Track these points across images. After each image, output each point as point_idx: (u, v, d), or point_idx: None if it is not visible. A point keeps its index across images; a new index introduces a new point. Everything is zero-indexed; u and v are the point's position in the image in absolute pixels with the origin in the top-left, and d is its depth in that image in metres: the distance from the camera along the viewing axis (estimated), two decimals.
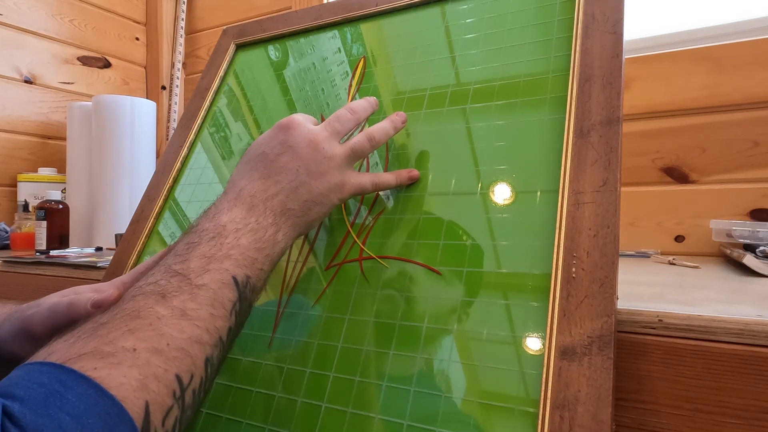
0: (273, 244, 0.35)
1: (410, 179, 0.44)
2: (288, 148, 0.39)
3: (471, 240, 0.39)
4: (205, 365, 0.29)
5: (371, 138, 0.42)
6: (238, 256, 0.33)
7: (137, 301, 0.29)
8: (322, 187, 0.38)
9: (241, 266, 0.32)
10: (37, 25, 1.26)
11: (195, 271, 0.31)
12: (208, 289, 0.30)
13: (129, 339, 0.26)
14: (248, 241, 0.34)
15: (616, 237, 0.33)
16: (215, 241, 0.33)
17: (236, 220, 0.34)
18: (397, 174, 0.44)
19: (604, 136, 0.37)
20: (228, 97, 0.62)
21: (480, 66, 0.47)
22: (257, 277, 0.34)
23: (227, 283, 0.31)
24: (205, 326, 0.29)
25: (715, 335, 0.32)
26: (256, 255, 0.34)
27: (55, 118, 1.30)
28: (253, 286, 0.33)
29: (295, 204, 0.37)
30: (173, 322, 0.28)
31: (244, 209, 0.35)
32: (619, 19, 0.42)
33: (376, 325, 0.38)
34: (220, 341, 0.30)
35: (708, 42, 0.81)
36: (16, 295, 0.78)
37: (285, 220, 0.37)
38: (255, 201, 0.36)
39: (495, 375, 0.33)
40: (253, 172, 0.38)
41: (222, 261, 0.32)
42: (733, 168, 0.77)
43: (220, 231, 0.34)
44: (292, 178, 0.38)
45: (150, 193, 0.58)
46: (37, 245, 0.96)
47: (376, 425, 0.34)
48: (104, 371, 0.24)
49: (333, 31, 0.60)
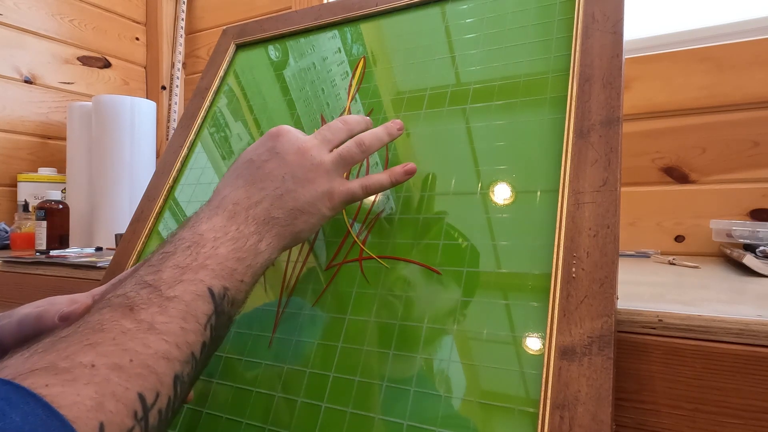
0: (255, 254, 0.33)
1: (406, 174, 0.41)
2: (275, 154, 0.37)
3: (471, 240, 0.39)
4: (173, 383, 0.26)
5: (360, 143, 0.40)
6: (215, 266, 0.31)
7: (103, 314, 0.27)
8: (309, 194, 0.37)
9: (219, 277, 0.30)
10: (37, 25, 1.26)
11: (167, 282, 0.29)
12: (180, 301, 0.28)
13: (88, 354, 0.24)
14: (227, 250, 0.32)
15: (616, 237, 0.33)
16: (191, 250, 0.31)
17: (215, 229, 0.33)
18: (390, 172, 0.41)
19: (604, 136, 0.37)
20: (228, 97, 0.62)
21: (480, 66, 0.47)
22: (237, 289, 0.32)
23: (202, 295, 0.29)
24: (175, 341, 0.27)
25: (715, 335, 0.32)
26: (235, 265, 0.32)
27: (55, 118, 1.30)
28: (231, 299, 0.31)
29: (280, 212, 0.35)
30: (139, 336, 0.26)
31: (225, 217, 0.34)
32: (619, 19, 0.42)
33: (376, 325, 0.38)
34: (192, 357, 0.28)
35: (708, 42, 0.81)
36: (16, 295, 0.78)
37: (269, 228, 0.35)
38: (237, 209, 0.34)
39: (495, 375, 0.33)
40: (238, 179, 0.37)
41: (197, 271, 0.30)
42: (733, 168, 0.77)
43: (198, 240, 0.32)
44: (277, 185, 0.36)
45: (150, 193, 0.58)
46: (37, 245, 0.96)
47: (376, 425, 0.34)
48: (56, 388, 0.22)
49: (333, 31, 0.60)
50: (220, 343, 0.32)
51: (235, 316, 0.33)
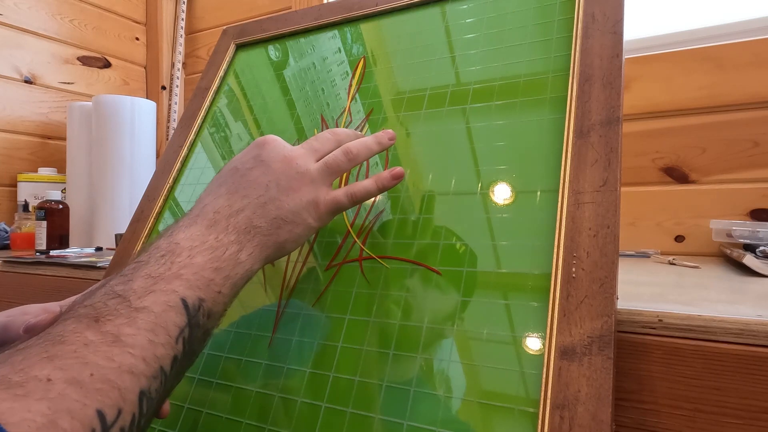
0: (234, 264, 0.32)
1: (393, 179, 0.40)
2: (260, 162, 0.36)
3: (471, 240, 0.39)
4: (139, 399, 0.25)
5: (348, 152, 0.39)
6: (190, 276, 0.29)
7: (66, 325, 0.25)
8: (293, 203, 0.36)
9: (194, 287, 0.29)
10: (37, 25, 1.26)
11: (137, 293, 0.27)
12: (150, 313, 0.27)
13: (45, 367, 0.22)
14: (204, 259, 0.30)
15: (616, 237, 0.33)
16: (165, 259, 0.30)
17: (193, 237, 0.31)
18: (376, 178, 0.39)
19: (604, 136, 0.37)
20: (228, 97, 0.62)
21: (480, 66, 0.47)
22: (213, 300, 0.30)
23: (174, 306, 0.28)
24: (142, 354, 0.25)
25: (715, 335, 0.32)
26: (212, 275, 0.30)
27: (55, 118, 1.30)
28: (208, 311, 0.30)
29: (262, 221, 0.34)
30: (103, 349, 0.24)
31: (204, 226, 0.32)
32: (619, 19, 0.42)
33: (376, 325, 0.38)
34: (161, 372, 0.26)
35: (708, 42, 0.81)
36: (16, 295, 0.78)
37: (250, 238, 0.33)
38: (218, 217, 0.33)
39: (495, 375, 0.33)
40: (221, 187, 0.36)
41: (171, 281, 0.28)
42: (733, 168, 0.77)
43: (173, 249, 0.30)
44: (261, 193, 0.35)
45: (150, 193, 0.58)
46: (37, 245, 0.96)
47: (376, 425, 0.34)
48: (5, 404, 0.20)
49: (333, 31, 0.60)
50: (195, 358, 0.30)
51: (212, 329, 0.31)
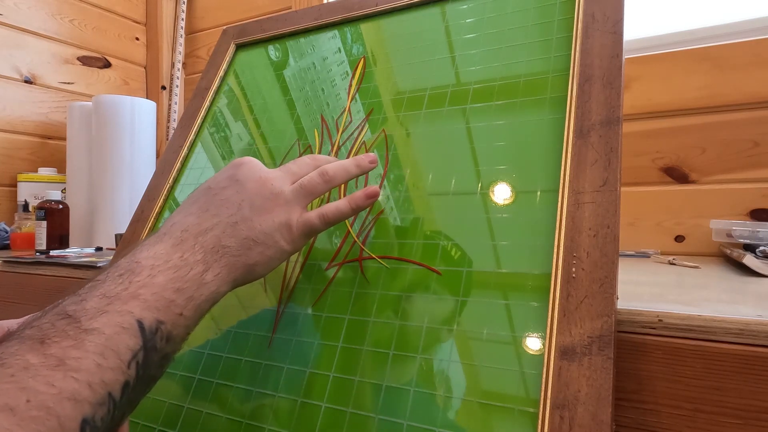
0: (198, 285, 0.30)
1: (367, 198, 0.38)
2: (235, 182, 0.36)
3: (471, 240, 0.39)
4: (80, 428, 0.23)
5: (324, 173, 0.38)
6: (149, 296, 0.28)
7: (9, 347, 0.24)
8: (265, 224, 0.34)
9: (152, 309, 0.27)
10: (37, 25, 1.26)
11: (88, 313, 0.26)
12: (100, 335, 0.25)
13: None
14: (165, 279, 0.29)
15: (616, 237, 0.33)
16: (123, 278, 0.28)
17: (156, 256, 0.30)
18: (350, 198, 0.38)
19: (604, 136, 0.37)
20: (228, 97, 0.62)
21: (480, 66, 0.47)
22: (174, 322, 0.28)
23: (128, 328, 0.26)
24: (87, 379, 0.24)
25: (715, 335, 0.32)
26: (173, 296, 0.29)
27: (55, 118, 1.30)
28: (167, 334, 0.28)
29: (232, 241, 0.33)
30: (43, 373, 0.23)
31: (170, 244, 0.31)
32: (619, 19, 0.42)
33: (376, 325, 0.38)
34: (109, 398, 0.25)
35: (708, 42, 0.81)
36: (16, 295, 0.78)
37: (217, 258, 0.32)
38: (185, 236, 0.32)
39: (495, 375, 0.33)
40: (192, 206, 0.35)
41: (127, 301, 0.27)
42: (733, 168, 0.77)
43: (133, 267, 0.29)
44: (232, 212, 0.34)
45: (150, 194, 0.58)
46: (37, 245, 0.96)
47: (376, 425, 0.34)
48: None
49: (333, 31, 0.60)
50: (152, 383, 0.28)
51: (172, 353, 0.29)
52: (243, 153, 0.56)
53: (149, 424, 0.42)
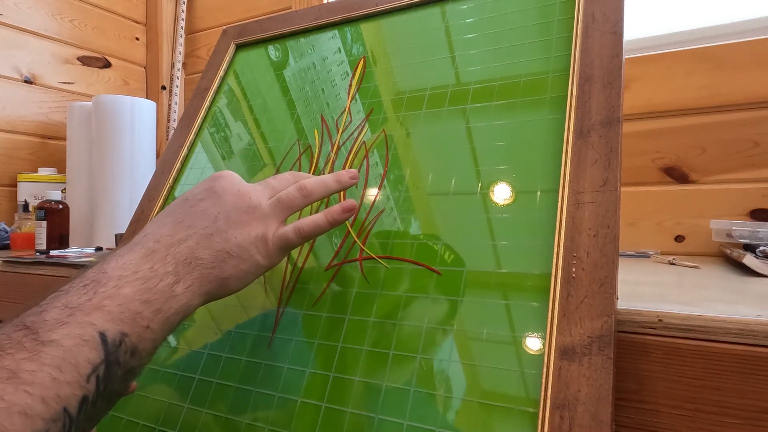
0: (168, 297, 0.29)
1: (344, 212, 0.38)
2: (212, 194, 0.35)
3: (471, 240, 0.39)
4: None
5: (302, 188, 0.37)
6: (114, 307, 0.26)
7: None
8: (240, 237, 0.34)
9: (116, 321, 0.26)
10: (37, 25, 1.26)
11: (48, 324, 0.25)
12: (58, 347, 0.24)
13: None
14: (133, 290, 0.28)
15: (616, 237, 0.33)
16: (87, 288, 0.27)
17: (125, 266, 0.29)
18: (327, 213, 0.38)
19: (604, 136, 0.37)
20: (228, 97, 0.62)
21: (480, 66, 0.47)
22: (140, 335, 0.27)
23: (89, 341, 0.25)
24: (41, 393, 0.23)
25: (715, 335, 0.32)
26: (140, 308, 0.27)
27: (55, 118, 1.30)
28: (132, 347, 0.27)
29: (206, 253, 0.32)
30: None
31: (141, 255, 0.30)
32: (619, 19, 0.42)
33: (376, 326, 0.38)
34: (65, 414, 0.23)
35: (708, 42, 0.81)
36: (16, 295, 0.78)
37: (190, 270, 0.31)
38: (157, 246, 0.31)
39: (495, 375, 0.33)
40: (167, 217, 0.34)
41: (89, 313, 0.26)
42: (733, 168, 0.77)
43: (99, 278, 0.28)
44: (207, 224, 0.33)
45: (150, 194, 0.58)
46: (37, 245, 0.96)
47: (376, 425, 0.34)
48: None
49: (333, 31, 0.60)
50: (116, 399, 0.27)
51: (138, 368, 0.28)
52: (243, 153, 0.56)
53: (149, 424, 0.42)
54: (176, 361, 0.45)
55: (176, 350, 0.46)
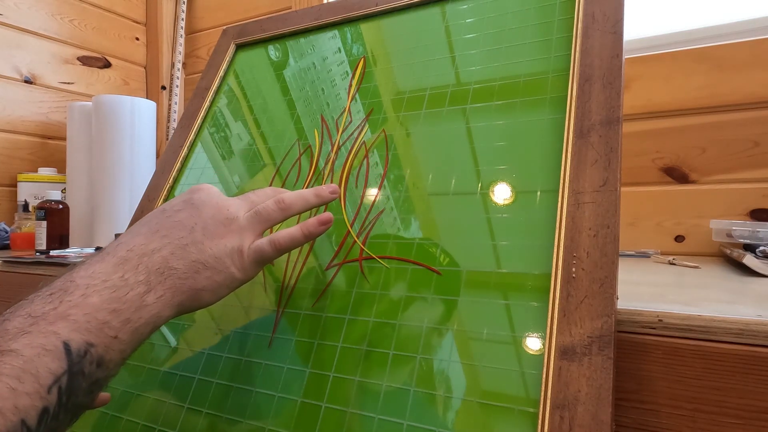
0: (138, 307, 0.28)
1: (320, 225, 0.37)
2: (190, 205, 0.35)
3: (471, 240, 0.39)
4: None
5: (280, 201, 0.37)
6: (80, 316, 0.26)
7: None
8: (216, 249, 0.33)
9: (82, 330, 0.25)
10: (37, 25, 1.26)
11: (9, 333, 0.24)
12: (18, 356, 0.23)
13: None
14: (101, 299, 0.27)
15: (616, 237, 0.33)
16: (53, 297, 0.26)
17: (94, 275, 0.28)
18: (302, 225, 0.37)
19: (604, 136, 0.37)
20: (228, 97, 0.62)
21: (480, 66, 0.47)
22: (107, 346, 0.26)
23: (52, 350, 0.24)
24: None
25: (715, 335, 0.32)
26: (108, 317, 0.27)
27: (55, 118, 1.30)
28: (98, 358, 0.26)
29: (180, 263, 0.31)
30: None
31: (111, 264, 0.29)
32: (619, 19, 0.42)
33: (376, 325, 0.38)
34: (23, 426, 0.22)
35: (708, 42, 0.81)
36: (16, 295, 0.78)
37: (162, 280, 0.30)
38: (130, 255, 0.30)
39: (495, 375, 0.33)
40: (143, 227, 0.33)
41: (54, 322, 0.25)
42: (733, 168, 0.77)
43: (66, 286, 0.27)
44: (183, 234, 0.33)
45: (150, 194, 0.58)
46: (37, 245, 0.96)
47: (376, 425, 0.34)
48: None
49: (333, 31, 0.60)
50: (80, 412, 0.26)
51: (104, 379, 0.27)
52: (243, 153, 0.56)
53: (149, 424, 0.42)
54: (176, 362, 0.45)
55: (176, 350, 0.46)
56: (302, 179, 0.50)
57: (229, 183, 0.55)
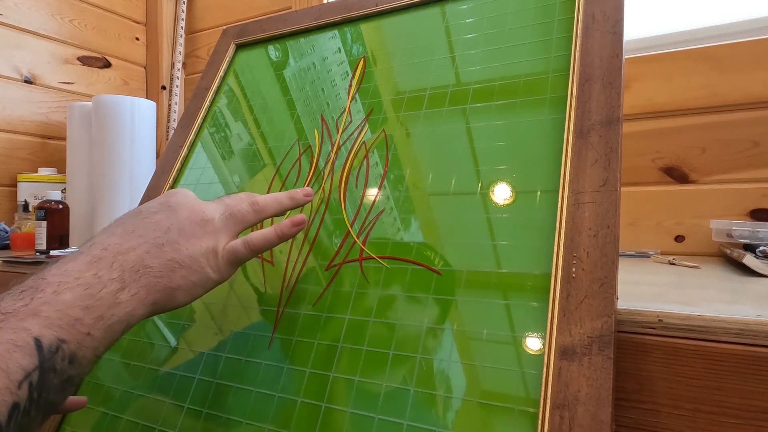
0: (111, 304, 0.28)
1: (293, 226, 0.38)
2: (167, 207, 0.35)
3: (471, 240, 0.39)
4: None
5: (254, 204, 0.37)
6: (51, 313, 0.26)
7: None
8: (191, 249, 0.33)
9: (54, 327, 0.25)
10: (37, 25, 1.26)
11: None
12: None
13: None
14: (73, 296, 0.27)
15: (616, 237, 0.33)
16: (24, 294, 0.26)
17: (66, 273, 0.28)
18: (276, 227, 0.38)
19: (604, 136, 0.37)
20: (228, 97, 0.62)
21: (480, 66, 0.47)
22: (79, 343, 0.26)
23: (23, 346, 0.24)
24: None
25: (715, 335, 0.32)
26: (80, 314, 0.27)
27: (55, 118, 1.30)
28: (70, 354, 0.26)
29: (155, 261, 0.31)
30: None
31: (85, 262, 0.29)
32: (619, 19, 0.42)
33: (376, 325, 0.38)
34: None
35: (708, 42, 0.81)
36: None
37: (137, 278, 0.30)
38: (104, 254, 0.30)
39: (495, 375, 0.33)
40: (117, 227, 0.33)
41: (25, 318, 0.25)
42: (733, 168, 0.77)
43: (38, 284, 0.27)
44: (159, 234, 0.33)
45: (150, 193, 0.58)
46: (37, 245, 0.96)
47: (376, 425, 0.34)
48: None
49: (333, 31, 0.60)
50: (52, 410, 0.26)
51: (77, 377, 0.27)
52: (243, 153, 0.56)
53: (149, 424, 0.42)
54: (176, 362, 0.45)
55: (176, 350, 0.46)
56: (302, 179, 0.50)
57: (229, 183, 0.55)
